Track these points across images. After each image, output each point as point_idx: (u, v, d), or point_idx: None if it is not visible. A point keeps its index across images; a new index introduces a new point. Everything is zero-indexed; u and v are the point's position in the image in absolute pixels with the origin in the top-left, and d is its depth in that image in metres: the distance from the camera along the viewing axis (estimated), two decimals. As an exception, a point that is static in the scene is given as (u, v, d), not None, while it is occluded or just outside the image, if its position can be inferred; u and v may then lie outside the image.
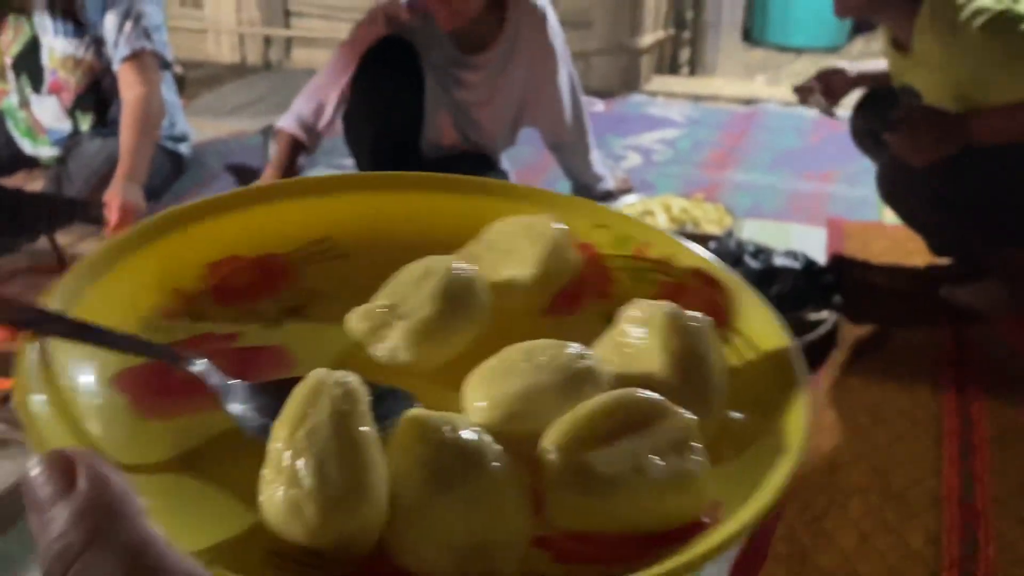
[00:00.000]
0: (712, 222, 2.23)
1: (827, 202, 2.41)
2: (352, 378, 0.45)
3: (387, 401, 0.48)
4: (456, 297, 0.57)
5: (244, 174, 2.47)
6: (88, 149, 2.27)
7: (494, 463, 0.43)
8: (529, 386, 0.48)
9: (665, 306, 0.51)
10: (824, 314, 1.72)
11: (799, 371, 0.46)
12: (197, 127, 2.80)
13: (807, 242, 2.14)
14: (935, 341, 1.75)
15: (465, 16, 2.06)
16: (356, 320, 0.57)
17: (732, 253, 1.82)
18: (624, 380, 0.48)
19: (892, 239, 2.10)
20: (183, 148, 2.49)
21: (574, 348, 0.50)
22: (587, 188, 2.44)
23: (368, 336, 0.56)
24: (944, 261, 2.00)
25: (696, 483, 0.43)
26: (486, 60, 2.19)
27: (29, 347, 0.49)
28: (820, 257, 2.02)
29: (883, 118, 1.77)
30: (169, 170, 2.42)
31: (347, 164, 2.45)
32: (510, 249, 0.59)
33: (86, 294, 0.55)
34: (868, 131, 1.98)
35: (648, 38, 3.56)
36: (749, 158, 2.81)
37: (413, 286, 0.58)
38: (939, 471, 1.41)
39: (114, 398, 0.51)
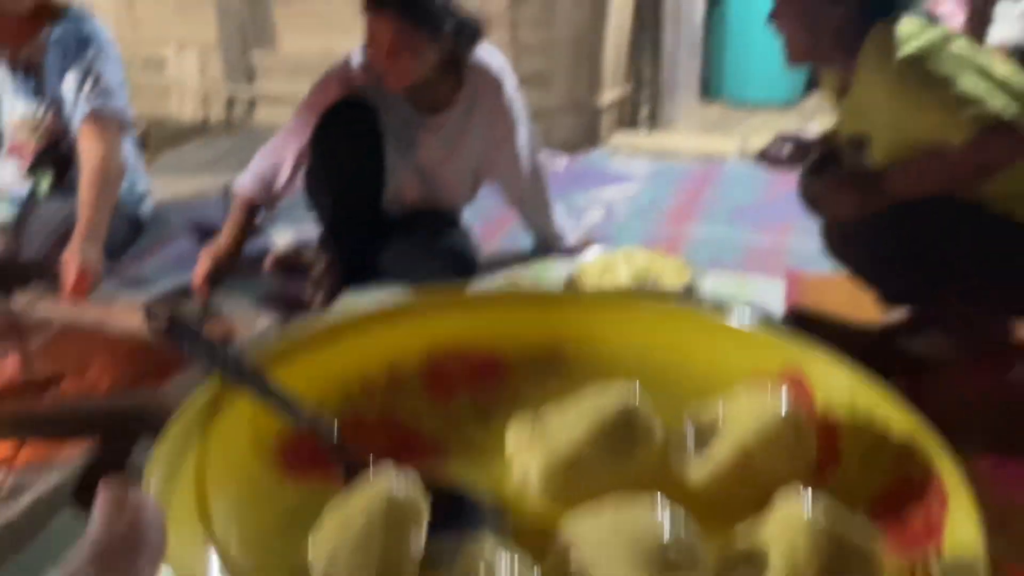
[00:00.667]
0: (673, 276, 2.26)
1: (784, 255, 2.46)
2: (409, 494, 0.45)
3: (470, 518, 0.48)
4: (613, 438, 0.55)
5: (206, 232, 2.47)
6: (46, 210, 2.26)
7: None
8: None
9: (816, 511, 0.48)
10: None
11: None
12: (159, 185, 2.80)
13: (766, 294, 2.17)
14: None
15: (411, 78, 2.08)
16: (513, 430, 0.58)
17: (691, 308, 1.85)
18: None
19: (847, 291, 2.13)
20: (143, 207, 2.49)
21: (679, 531, 0.48)
22: (549, 243, 2.47)
23: (516, 450, 0.56)
24: (898, 312, 2.03)
25: None
26: (443, 121, 2.22)
27: (207, 388, 0.55)
28: (778, 310, 2.06)
29: (823, 178, 1.82)
30: (128, 230, 2.41)
31: (309, 219, 2.45)
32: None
33: (299, 359, 0.61)
34: (811, 191, 2.04)
35: (608, 95, 3.63)
36: (708, 212, 2.86)
37: (579, 411, 0.57)
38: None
39: (269, 459, 0.55)
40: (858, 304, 2.07)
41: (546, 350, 0.68)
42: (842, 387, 0.62)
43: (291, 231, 2.57)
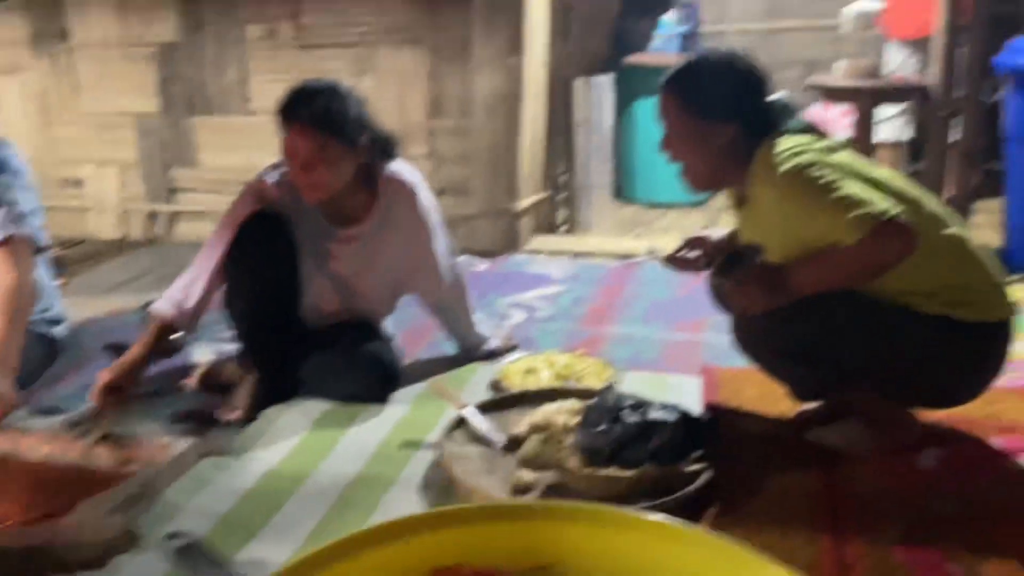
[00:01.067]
0: (594, 376, 2.32)
1: (700, 351, 2.54)
2: None
3: None
4: None
5: (121, 352, 2.42)
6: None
7: None
8: None
9: None
10: (701, 465, 1.77)
11: None
12: (75, 307, 2.76)
13: (684, 390, 2.22)
14: (807, 485, 1.79)
15: (326, 191, 2.12)
16: None
17: (612, 408, 1.87)
18: None
19: (762, 385, 2.18)
20: (58, 331, 2.45)
21: None
22: (471, 348, 2.50)
23: None
24: (808, 404, 2.10)
25: None
26: (357, 233, 2.26)
27: None
28: (696, 405, 2.10)
29: (729, 276, 1.90)
30: (43, 355, 2.36)
31: (230, 336, 2.44)
32: None
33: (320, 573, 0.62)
34: (720, 288, 2.12)
35: (525, 201, 3.75)
36: (626, 311, 2.94)
37: None
38: (819, 620, 1.42)
39: None
40: (773, 397, 2.13)
41: (541, 563, 0.71)
42: None
43: (213, 348, 2.55)
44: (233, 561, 1.54)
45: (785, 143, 1.79)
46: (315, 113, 2.05)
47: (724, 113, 1.84)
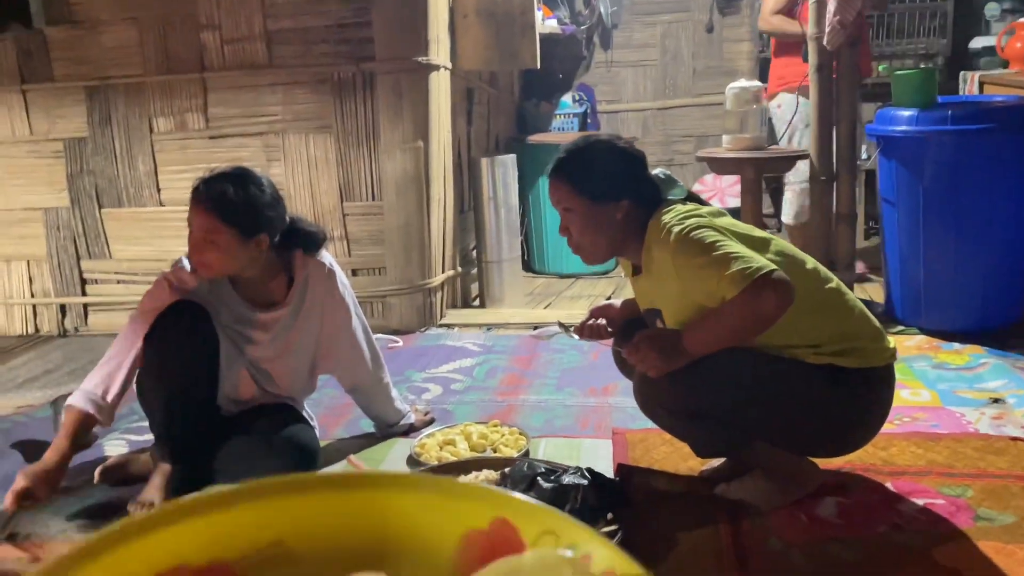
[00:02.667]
0: (509, 445, 2.38)
1: (611, 414, 2.62)
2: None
3: None
4: None
5: (31, 449, 2.38)
6: None
7: None
8: None
9: None
10: (613, 526, 1.83)
11: None
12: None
13: (596, 453, 2.30)
14: (717, 539, 1.84)
15: (215, 271, 2.16)
16: None
17: (526, 476, 1.93)
18: None
19: (670, 444, 2.26)
20: (-35, 430, 2.39)
21: None
22: (390, 424, 2.54)
23: None
24: (714, 461, 2.18)
25: None
26: (275, 318, 2.29)
27: None
28: (608, 468, 2.17)
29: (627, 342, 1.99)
30: (-52, 456, 2.30)
31: (142, 427, 2.42)
32: None
33: None
34: (620, 355, 2.22)
35: (438, 277, 3.83)
36: (539, 380, 3.02)
37: None
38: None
39: None
40: (680, 455, 2.20)
41: (270, 546, 0.68)
42: (541, 524, 0.67)
43: (123, 441, 2.52)
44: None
45: (674, 211, 1.92)
46: (212, 197, 2.10)
47: (615, 192, 1.95)
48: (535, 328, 3.68)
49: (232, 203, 2.11)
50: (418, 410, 2.65)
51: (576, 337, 2.27)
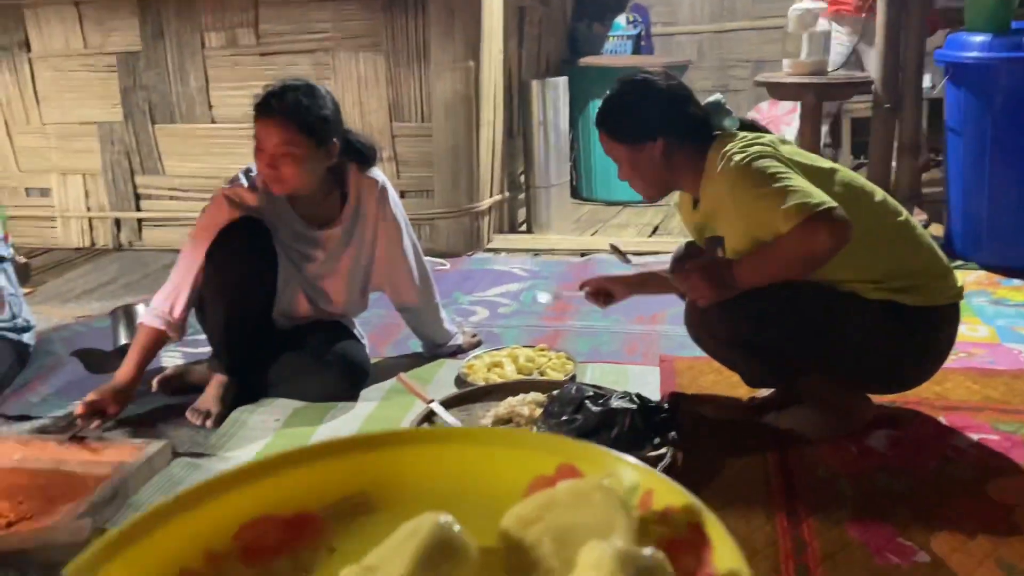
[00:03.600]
0: (556, 369, 2.38)
1: (658, 342, 2.61)
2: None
3: None
4: (433, 558, 0.58)
5: (92, 358, 2.45)
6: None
7: None
8: None
9: (615, 546, 0.55)
10: (662, 450, 1.84)
11: None
12: (44, 314, 2.77)
13: (643, 380, 2.30)
14: (764, 467, 1.84)
15: (292, 186, 2.16)
16: (347, 574, 0.59)
17: (574, 399, 1.93)
18: None
19: (718, 372, 2.25)
20: (26, 338, 2.46)
21: None
22: (438, 345, 2.56)
23: None
24: (763, 390, 2.17)
25: None
26: (331, 235, 2.31)
27: None
28: (655, 394, 2.17)
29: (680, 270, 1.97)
30: (13, 361, 2.38)
31: (199, 340, 2.47)
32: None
33: (119, 558, 0.61)
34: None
35: (486, 201, 3.81)
36: (586, 306, 2.99)
37: (398, 545, 0.59)
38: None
39: None
40: (729, 384, 2.19)
41: (353, 496, 0.73)
42: (603, 467, 0.70)
43: (179, 353, 2.58)
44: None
45: (737, 140, 1.87)
46: (286, 108, 2.09)
47: (648, 132, 1.91)
48: (582, 255, 3.66)
49: (308, 112, 2.10)
50: (466, 332, 2.67)
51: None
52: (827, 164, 1.92)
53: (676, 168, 1.94)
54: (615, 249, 2.31)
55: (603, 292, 2.25)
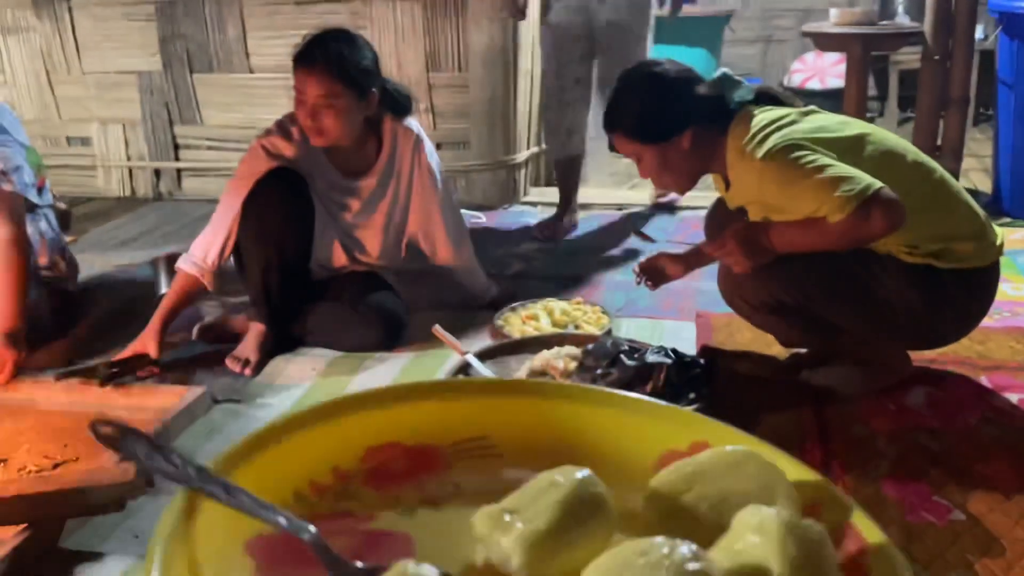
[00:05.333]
0: (591, 323, 2.38)
1: (694, 297, 2.59)
2: (431, 573, 0.49)
3: None
4: (579, 510, 0.58)
5: (134, 306, 2.49)
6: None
7: None
8: None
9: (781, 513, 0.55)
10: (696, 405, 1.83)
11: None
12: (85, 262, 2.81)
13: (678, 336, 2.28)
14: (799, 423, 1.84)
15: (333, 137, 2.16)
16: (481, 520, 0.60)
17: (610, 352, 1.93)
18: None
19: (754, 330, 2.24)
20: (69, 285, 2.50)
21: (688, 548, 0.52)
22: (474, 297, 2.56)
23: (489, 537, 0.58)
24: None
25: None
26: (366, 184, 2.31)
27: (179, 498, 0.56)
28: (690, 350, 2.15)
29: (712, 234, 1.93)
30: (56, 307, 2.42)
31: (238, 289, 2.50)
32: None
33: (254, 461, 0.63)
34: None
35: (522, 154, 3.78)
36: (622, 259, 2.99)
37: (540, 493, 0.60)
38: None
39: (243, 561, 0.57)
40: (765, 341, 2.17)
41: (475, 438, 0.74)
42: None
43: (218, 302, 2.61)
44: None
45: (754, 123, 1.80)
46: (327, 58, 2.08)
47: (673, 126, 1.85)
48: (619, 209, 3.62)
49: (349, 63, 2.10)
50: (500, 285, 2.66)
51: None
52: (854, 130, 1.83)
53: (704, 155, 1.89)
54: (636, 232, 2.28)
55: (656, 270, 2.20)
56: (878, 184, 1.64)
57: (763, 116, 1.83)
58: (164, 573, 0.50)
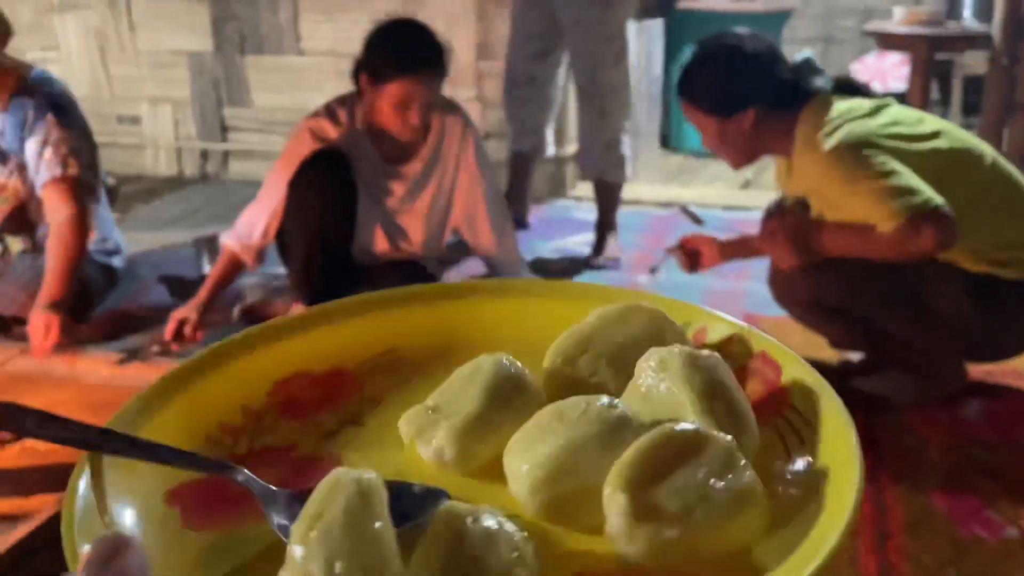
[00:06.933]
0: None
1: (742, 298, 2.54)
2: (370, 475, 0.46)
3: (425, 500, 0.49)
4: (502, 393, 0.58)
5: (177, 285, 2.50)
6: (17, 268, 2.29)
7: (513, 552, 0.45)
8: (568, 442, 0.49)
9: (677, 349, 0.55)
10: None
11: (853, 445, 0.49)
12: (132, 239, 2.83)
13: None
14: None
15: (419, 129, 2.20)
16: (406, 422, 0.59)
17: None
18: (657, 422, 0.50)
19: (804, 334, 2.18)
20: (115, 261, 2.52)
21: (603, 400, 0.52)
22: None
23: (417, 437, 0.58)
24: (850, 353, 2.09)
25: (757, 497, 0.46)
26: (411, 170, 2.29)
27: (81, 464, 0.53)
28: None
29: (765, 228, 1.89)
30: (102, 282, 2.44)
31: (280, 273, 2.50)
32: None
33: (156, 413, 0.59)
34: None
35: (571, 147, 3.73)
36: (669, 258, 2.93)
37: (461, 385, 0.60)
38: (856, 561, 1.44)
39: (167, 512, 0.54)
40: (815, 345, 2.12)
41: (384, 353, 0.71)
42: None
43: (260, 281, 2.61)
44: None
45: (829, 112, 1.76)
46: (432, 62, 2.13)
47: (737, 102, 1.83)
48: (667, 206, 3.56)
49: (444, 61, 2.14)
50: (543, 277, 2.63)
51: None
52: (930, 126, 1.79)
53: (767, 136, 1.87)
54: (685, 211, 2.23)
55: (694, 252, 2.15)
56: (937, 201, 1.61)
57: (839, 106, 1.78)
58: (86, 543, 0.47)
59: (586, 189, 3.81)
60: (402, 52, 2.10)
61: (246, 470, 0.54)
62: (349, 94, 2.23)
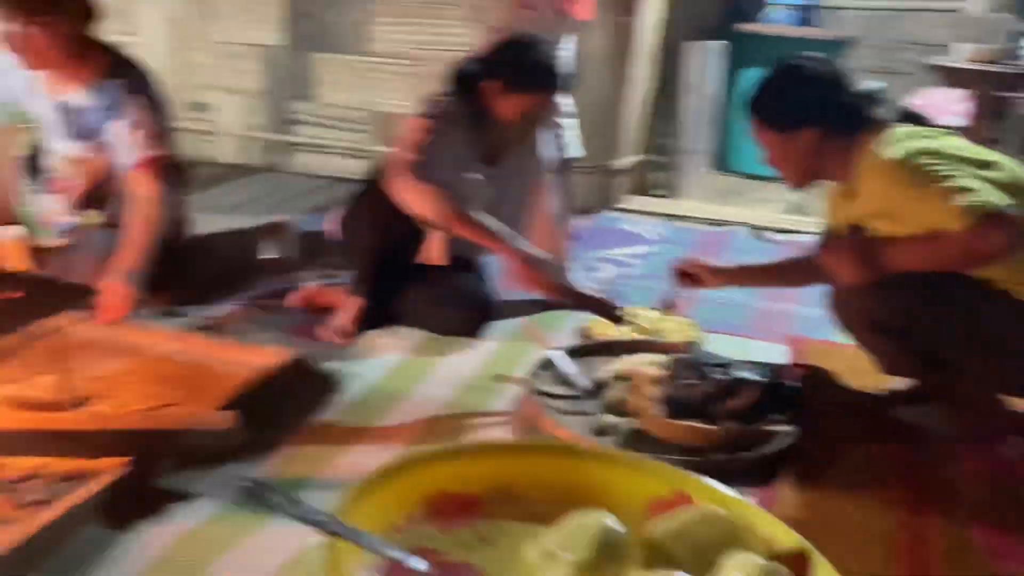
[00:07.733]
0: (678, 334, 2.36)
1: (787, 320, 2.55)
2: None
3: None
4: (608, 547, 0.83)
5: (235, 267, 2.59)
6: (92, 240, 2.37)
7: None
8: None
9: (756, 558, 0.80)
10: (783, 427, 1.81)
11: None
12: (194, 223, 2.91)
13: (766, 357, 2.24)
14: (888, 458, 1.80)
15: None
16: (531, 551, 0.86)
17: (698, 364, 1.92)
18: None
19: (848, 359, 2.17)
20: (179, 240, 2.59)
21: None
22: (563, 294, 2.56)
23: (540, 566, 0.84)
24: (896, 381, 2.09)
25: None
26: (495, 172, 2.36)
27: (329, 544, 0.84)
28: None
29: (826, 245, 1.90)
30: (164, 260, 2.50)
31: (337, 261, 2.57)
32: None
33: (355, 508, 0.91)
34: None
35: (624, 160, 3.78)
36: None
37: (571, 534, 0.85)
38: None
39: None
40: (860, 372, 2.11)
41: (503, 487, 1.00)
42: (716, 499, 1.00)
43: (319, 271, 2.68)
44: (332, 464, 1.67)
45: (896, 132, 1.79)
46: (555, 79, 2.29)
47: (798, 121, 1.86)
48: (716, 225, 3.59)
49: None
50: (591, 287, 2.66)
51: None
52: (992, 156, 1.80)
53: (827, 158, 1.89)
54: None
55: (691, 274, 2.22)
56: (1006, 200, 1.61)
57: (905, 128, 1.82)
58: None
59: (636, 203, 3.85)
60: (545, 70, 2.24)
61: (430, 565, 0.85)
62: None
